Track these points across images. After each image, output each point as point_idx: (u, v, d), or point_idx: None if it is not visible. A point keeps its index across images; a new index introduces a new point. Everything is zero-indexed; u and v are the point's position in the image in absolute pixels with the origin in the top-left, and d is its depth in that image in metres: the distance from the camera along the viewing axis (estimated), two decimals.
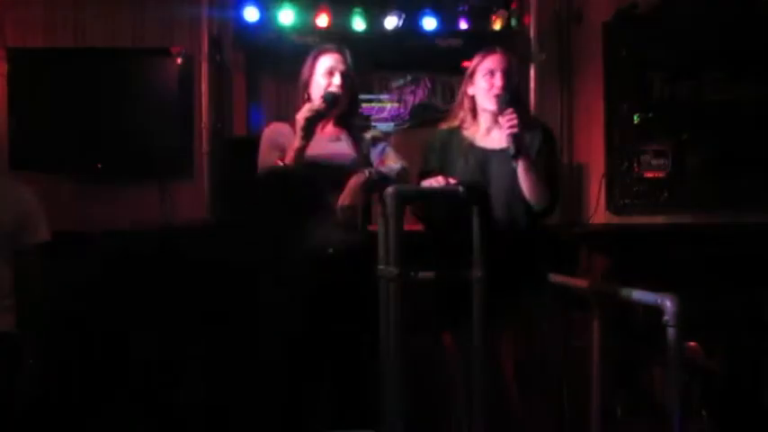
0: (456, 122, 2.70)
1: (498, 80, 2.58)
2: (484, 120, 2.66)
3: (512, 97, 2.56)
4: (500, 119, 2.50)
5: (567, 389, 3.19)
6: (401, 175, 2.58)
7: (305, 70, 2.68)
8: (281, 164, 2.52)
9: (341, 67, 2.64)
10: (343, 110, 2.66)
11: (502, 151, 2.56)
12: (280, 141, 2.63)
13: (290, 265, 2.57)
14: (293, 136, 2.59)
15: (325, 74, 2.63)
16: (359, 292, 2.48)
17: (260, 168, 2.63)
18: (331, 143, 2.64)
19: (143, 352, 3.59)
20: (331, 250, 2.56)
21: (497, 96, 2.55)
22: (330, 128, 2.68)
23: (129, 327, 3.68)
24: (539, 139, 2.63)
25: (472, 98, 2.66)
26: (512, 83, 2.60)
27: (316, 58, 2.67)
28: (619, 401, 3.10)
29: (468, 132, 2.67)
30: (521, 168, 2.50)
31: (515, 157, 2.47)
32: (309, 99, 2.64)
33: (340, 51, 2.67)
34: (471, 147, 2.64)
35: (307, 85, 2.67)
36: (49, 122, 3.91)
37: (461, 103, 2.70)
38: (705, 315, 2.76)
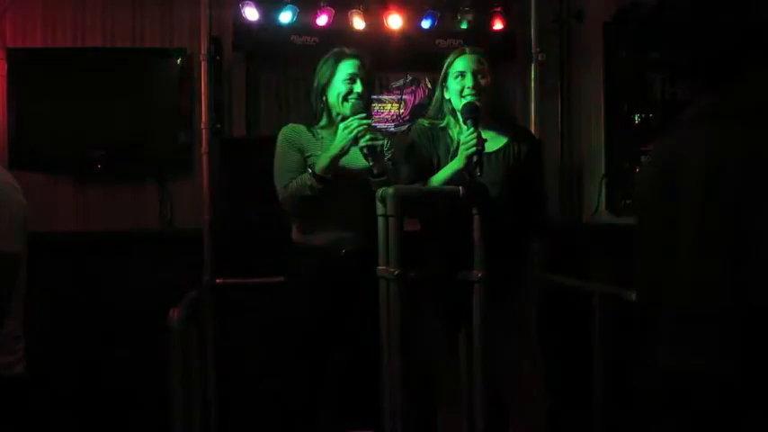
0: (442, 124, 2.64)
1: (469, 81, 2.53)
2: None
3: (483, 101, 2.50)
4: (461, 137, 2.46)
5: (567, 389, 3.19)
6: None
7: (323, 73, 2.64)
8: (311, 170, 2.52)
9: (361, 73, 2.61)
10: None
11: (489, 154, 2.54)
12: (298, 141, 2.63)
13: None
14: (311, 138, 2.63)
15: (346, 80, 2.60)
16: (363, 293, 2.48)
17: (279, 165, 2.62)
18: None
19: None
20: (344, 251, 2.58)
21: (464, 105, 2.50)
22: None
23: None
24: (525, 150, 2.60)
25: (450, 101, 2.62)
26: (483, 83, 2.54)
27: (337, 62, 2.63)
28: (619, 401, 3.10)
29: (454, 134, 2.61)
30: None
31: (470, 178, 2.40)
32: (327, 103, 2.64)
33: (361, 57, 2.63)
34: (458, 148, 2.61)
35: (324, 88, 2.64)
36: (48, 122, 3.91)
37: (442, 107, 2.64)
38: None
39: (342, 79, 2.60)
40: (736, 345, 1.69)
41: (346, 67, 2.61)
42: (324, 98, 2.65)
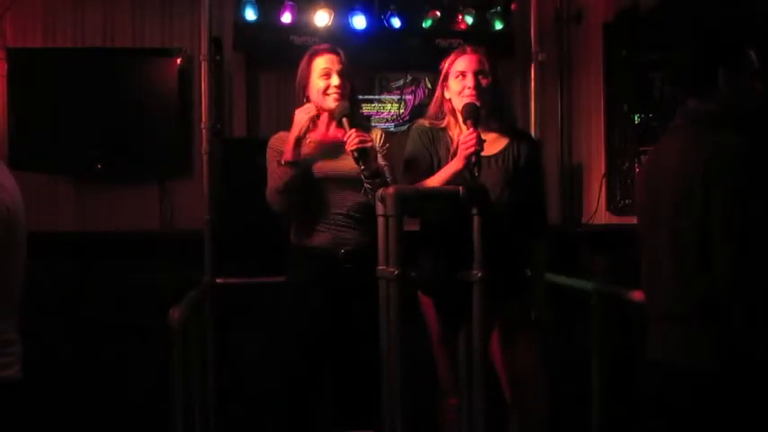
0: (443, 124, 2.61)
1: (469, 81, 2.50)
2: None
3: (483, 102, 2.48)
4: (460, 137, 2.44)
5: (567, 390, 3.19)
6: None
7: (301, 72, 2.66)
8: (283, 164, 2.52)
9: (337, 67, 2.62)
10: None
11: (489, 156, 2.52)
12: (282, 150, 2.63)
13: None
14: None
15: (321, 75, 2.61)
16: (362, 293, 2.48)
17: (269, 177, 2.61)
18: (338, 155, 2.59)
19: None
20: (342, 251, 2.57)
21: (464, 105, 2.48)
22: (333, 132, 2.64)
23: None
24: (525, 153, 2.59)
25: (450, 101, 2.58)
26: (484, 84, 2.51)
27: (311, 60, 2.64)
28: (619, 402, 3.10)
29: (454, 134, 2.58)
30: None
31: (470, 178, 2.37)
32: (309, 101, 2.64)
33: (335, 52, 2.64)
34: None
35: (305, 87, 2.65)
36: (48, 122, 3.91)
37: (442, 107, 2.61)
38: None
39: (317, 75, 2.62)
40: (714, 340, 1.78)
41: (320, 63, 2.63)
42: (305, 98, 2.65)
